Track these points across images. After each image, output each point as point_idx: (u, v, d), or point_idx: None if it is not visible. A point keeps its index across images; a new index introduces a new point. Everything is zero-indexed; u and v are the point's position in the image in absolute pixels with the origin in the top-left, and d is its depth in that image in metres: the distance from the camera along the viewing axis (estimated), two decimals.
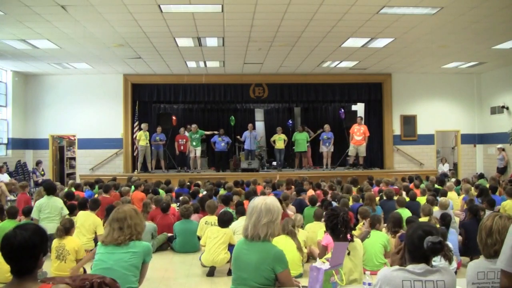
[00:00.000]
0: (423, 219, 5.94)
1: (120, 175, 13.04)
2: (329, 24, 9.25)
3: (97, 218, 6.55)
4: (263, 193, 8.30)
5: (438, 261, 2.61)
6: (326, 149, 14.42)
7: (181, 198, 8.51)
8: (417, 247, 2.26)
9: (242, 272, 2.98)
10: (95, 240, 6.25)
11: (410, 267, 2.27)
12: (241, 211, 6.36)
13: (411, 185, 9.66)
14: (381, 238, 5.00)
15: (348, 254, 3.52)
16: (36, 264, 2.06)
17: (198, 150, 14.17)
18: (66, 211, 6.74)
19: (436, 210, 6.48)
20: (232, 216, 6.08)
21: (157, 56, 12.04)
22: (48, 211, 6.57)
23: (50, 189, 6.76)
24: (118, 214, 3.41)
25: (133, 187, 9.66)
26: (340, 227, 3.49)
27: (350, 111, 16.24)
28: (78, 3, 7.82)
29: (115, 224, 3.38)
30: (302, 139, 14.36)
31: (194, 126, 14.24)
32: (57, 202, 6.72)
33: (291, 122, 16.16)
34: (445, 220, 5.60)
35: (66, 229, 5.24)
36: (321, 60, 12.84)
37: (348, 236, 3.59)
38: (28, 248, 2.01)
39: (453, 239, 5.34)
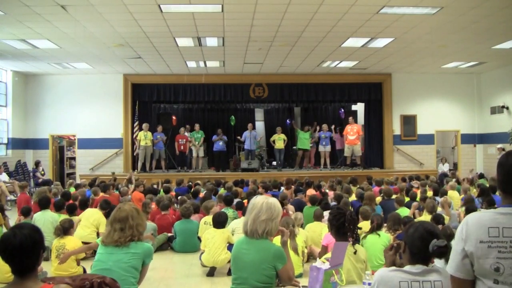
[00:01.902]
0: (426, 217, 5.94)
1: (120, 175, 13.04)
2: (329, 24, 9.25)
3: (102, 216, 6.65)
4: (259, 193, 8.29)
5: (442, 263, 2.60)
6: (324, 148, 14.45)
7: (179, 198, 8.53)
8: (419, 248, 2.23)
9: (243, 272, 2.99)
10: (99, 236, 6.29)
11: (407, 267, 2.25)
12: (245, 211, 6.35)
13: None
14: (382, 238, 4.98)
15: (355, 253, 3.50)
16: (37, 261, 2.08)
17: (201, 150, 14.27)
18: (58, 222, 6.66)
19: (439, 210, 6.50)
20: (227, 217, 6.07)
21: (157, 56, 12.04)
22: (41, 226, 6.46)
23: (44, 204, 6.67)
24: (120, 214, 3.33)
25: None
26: (348, 225, 3.46)
27: (350, 111, 16.26)
28: (78, 3, 7.81)
29: (117, 224, 3.30)
30: (305, 138, 14.38)
31: (196, 125, 14.47)
32: (51, 217, 6.55)
33: (289, 121, 16.18)
34: (439, 222, 5.57)
35: (65, 228, 5.25)
36: (321, 60, 12.84)
37: (354, 236, 3.56)
38: (30, 246, 2.02)
39: None
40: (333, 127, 14.80)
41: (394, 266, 2.41)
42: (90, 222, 6.57)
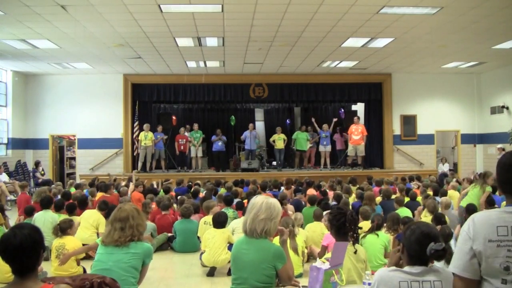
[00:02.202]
0: (427, 218, 5.93)
1: (120, 175, 13.03)
2: (329, 24, 9.25)
3: (101, 216, 6.66)
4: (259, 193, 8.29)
5: (442, 263, 2.60)
6: (324, 148, 14.44)
7: (179, 197, 8.54)
8: (416, 251, 2.24)
9: (242, 272, 2.99)
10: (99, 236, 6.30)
11: (406, 268, 2.26)
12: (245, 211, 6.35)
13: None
14: (381, 239, 4.99)
15: (355, 252, 3.50)
16: (37, 261, 2.08)
17: (200, 150, 14.28)
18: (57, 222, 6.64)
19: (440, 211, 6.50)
20: (227, 217, 6.07)
21: (157, 56, 12.04)
22: (41, 226, 6.36)
23: (45, 204, 6.66)
24: (121, 214, 3.34)
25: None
26: (348, 225, 3.46)
27: (350, 111, 16.25)
28: (78, 3, 7.81)
29: (117, 224, 3.31)
30: (303, 138, 14.36)
31: (195, 125, 14.48)
32: (51, 217, 6.53)
33: (289, 121, 16.16)
34: (440, 221, 5.58)
35: (62, 228, 5.22)
36: (321, 60, 12.84)
37: (355, 235, 3.56)
38: (30, 246, 2.03)
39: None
40: (334, 119, 14.67)
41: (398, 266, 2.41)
42: (90, 223, 6.55)
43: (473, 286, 1.91)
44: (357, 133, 13.83)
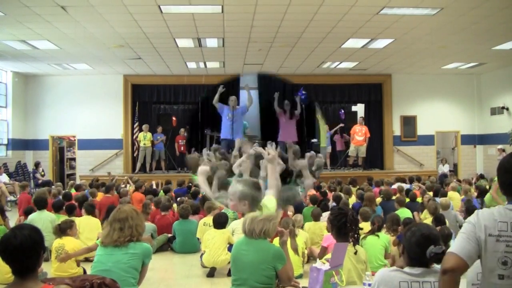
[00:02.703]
0: (428, 219, 5.93)
1: (120, 176, 13.03)
2: (329, 24, 9.25)
3: (96, 219, 6.58)
4: None
5: None
6: None
7: (178, 199, 8.54)
8: (416, 253, 2.25)
9: (242, 273, 2.99)
10: None
11: (407, 269, 2.27)
12: None
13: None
14: (382, 239, 4.99)
15: (355, 253, 3.50)
16: (38, 262, 2.08)
17: None
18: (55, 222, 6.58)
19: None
20: (228, 218, 6.08)
21: (157, 57, 12.04)
22: (39, 226, 6.30)
23: (40, 204, 6.61)
24: (120, 214, 3.35)
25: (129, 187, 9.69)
26: (350, 226, 3.46)
27: (350, 112, 16.23)
28: (78, 4, 7.82)
29: (116, 224, 3.31)
30: None
31: None
32: (49, 217, 6.50)
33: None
34: (440, 221, 5.58)
35: (62, 229, 5.20)
36: (321, 61, 12.84)
37: (355, 236, 3.55)
38: (30, 246, 2.03)
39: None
40: (341, 125, 14.64)
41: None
42: (92, 231, 6.21)
43: (463, 269, 1.90)
44: (360, 134, 13.79)
